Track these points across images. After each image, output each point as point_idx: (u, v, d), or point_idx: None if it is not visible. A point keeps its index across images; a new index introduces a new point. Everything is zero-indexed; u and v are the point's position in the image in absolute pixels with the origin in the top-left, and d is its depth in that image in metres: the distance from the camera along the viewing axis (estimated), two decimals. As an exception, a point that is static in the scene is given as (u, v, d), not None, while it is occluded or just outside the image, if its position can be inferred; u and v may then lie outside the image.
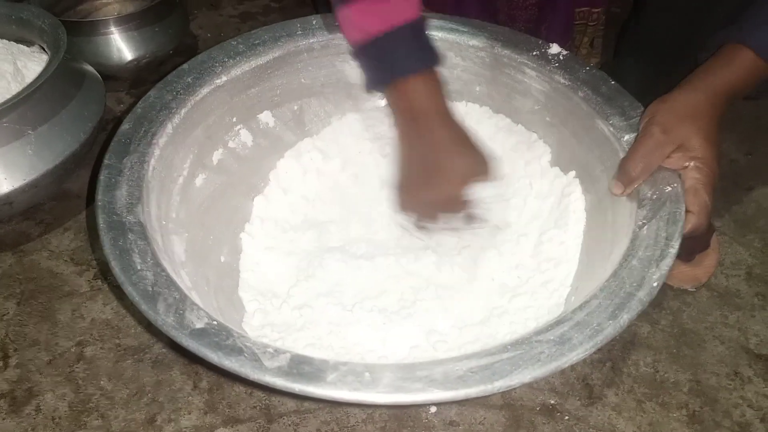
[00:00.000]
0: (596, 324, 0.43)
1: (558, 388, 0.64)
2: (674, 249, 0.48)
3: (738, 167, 0.87)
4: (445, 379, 0.40)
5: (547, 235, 0.64)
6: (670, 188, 0.53)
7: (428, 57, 0.58)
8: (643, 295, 0.45)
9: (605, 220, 0.59)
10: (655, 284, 0.46)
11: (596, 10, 0.87)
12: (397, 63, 0.56)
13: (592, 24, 0.89)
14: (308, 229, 0.71)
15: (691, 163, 0.55)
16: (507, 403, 0.63)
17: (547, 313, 0.59)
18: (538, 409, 0.62)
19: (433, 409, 0.62)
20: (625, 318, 0.44)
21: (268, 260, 0.69)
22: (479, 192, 0.58)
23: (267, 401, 0.63)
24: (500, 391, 0.40)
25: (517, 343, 0.42)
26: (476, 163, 0.58)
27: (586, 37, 0.91)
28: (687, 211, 0.53)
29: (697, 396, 0.63)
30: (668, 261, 0.47)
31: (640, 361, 0.66)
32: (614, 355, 0.66)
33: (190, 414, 0.63)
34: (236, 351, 0.43)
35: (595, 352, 0.64)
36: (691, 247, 0.70)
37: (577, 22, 0.88)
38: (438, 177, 0.57)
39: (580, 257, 0.62)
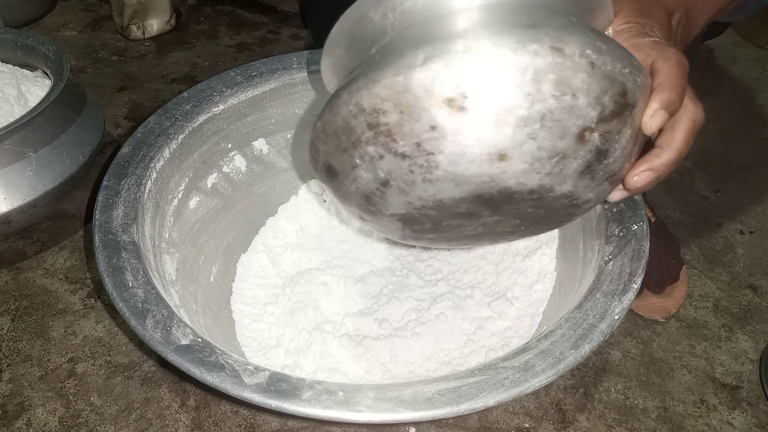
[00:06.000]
0: (559, 353, 0.45)
1: (532, 413, 0.66)
2: (636, 284, 0.50)
3: (708, 204, 0.90)
4: (414, 400, 0.42)
5: (522, 265, 0.67)
6: (636, 227, 0.55)
7: None
8: (605, 327, 0.47)
9: (577, 255, 0.61)
10: (616, 317, 0.48)
11: None
12: None
13: None
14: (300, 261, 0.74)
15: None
16: (483, 425, 0.65)
17: (521, 341, 0.61)
18: (512, 432, 0.65)
19: (412, 429, 0.64)
20: (586, 348, 0.46)
21: (260, 293, 0.71)
22: None
23: (252, 420, 0.65)
24: (466, 413, 0.42)
25: (483, 369, 0.44)
26: None
27: None
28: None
29: (665, 422, 0.65)
30: (630, 295, 0.49)
31: (611, 388, 0.68)
32: (586, 381, 0.69)
33: (177, 431, 0.64)
34: (218, 367, 0.45)
35: (568, 378, 0.68)
36: (661, 279, 0.74)
37: None
38: None
39: (554, 288, 0.65)
